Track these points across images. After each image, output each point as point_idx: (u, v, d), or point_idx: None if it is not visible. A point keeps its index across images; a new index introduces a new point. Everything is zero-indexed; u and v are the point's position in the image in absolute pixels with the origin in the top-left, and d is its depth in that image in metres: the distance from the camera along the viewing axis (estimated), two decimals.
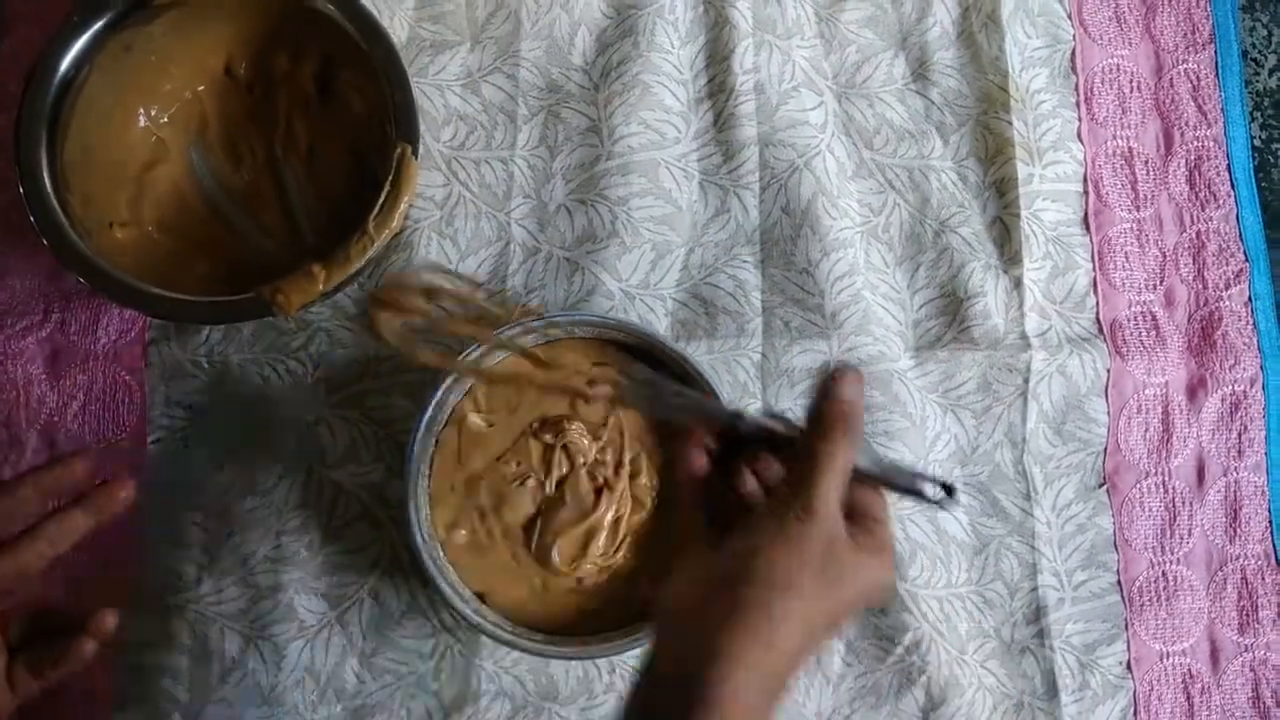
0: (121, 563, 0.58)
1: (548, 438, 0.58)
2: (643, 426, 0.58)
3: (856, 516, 0.42)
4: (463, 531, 0.57)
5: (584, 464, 0.58)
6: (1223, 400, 0.62)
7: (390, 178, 0.55)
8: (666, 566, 0.57)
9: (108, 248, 0.55)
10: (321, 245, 0.56)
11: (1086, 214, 0.64)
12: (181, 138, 0.60)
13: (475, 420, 0.58)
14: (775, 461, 0.45)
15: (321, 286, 0.54)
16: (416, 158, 0.55)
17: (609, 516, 0.57)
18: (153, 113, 0.58)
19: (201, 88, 0.59)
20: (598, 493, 0.57)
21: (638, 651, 0.57)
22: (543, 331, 0.57)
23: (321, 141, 0.61)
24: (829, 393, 0.42)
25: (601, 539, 0.57)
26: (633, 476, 0.58)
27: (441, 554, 0.56)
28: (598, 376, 0.56)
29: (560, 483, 0.58)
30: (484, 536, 0.57)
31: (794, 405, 0.60)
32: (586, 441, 0.58)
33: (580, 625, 0.56)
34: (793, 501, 0.40)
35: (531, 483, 0.58)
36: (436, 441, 0.57)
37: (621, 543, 0.57)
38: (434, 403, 0.55)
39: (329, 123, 0.61)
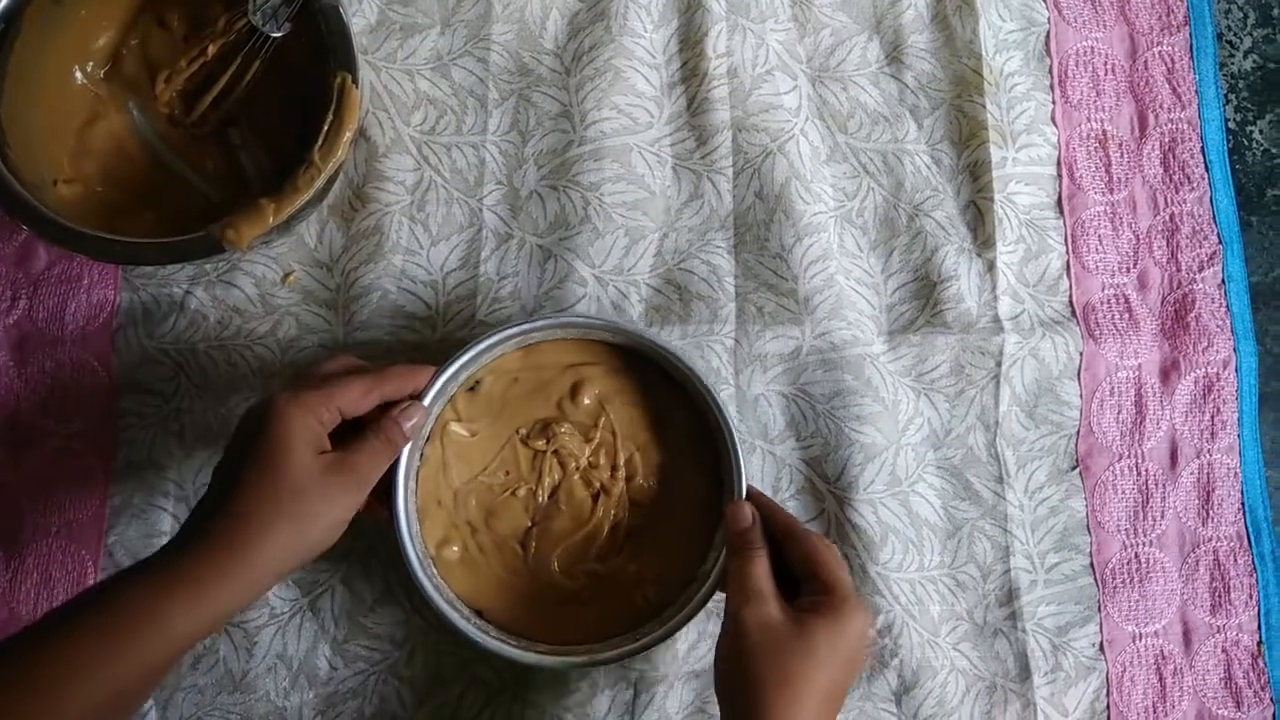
0: (91, 551, 0.58)
1: (538, 444, 0.55)
2: (635, 425, 0.56)
3: (806, 588, 0.48)
4: (454, 548, 0.54)
5: (577, 469, 0.55)
6: (1196, 383, 0.63)
7: (332, 107, 0.54)
8: (667, 567, 0.55)
9: (54, 204, 0.54)
10: (269, 191, 0.54)
11: (1060, 197, 0.64)
12: (119, 93, 0.59)
13: (458, 430, 0.55)
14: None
15: (272, 219, 0.53)
16: (357, 86, 0.54)
17: (607, 523, 0.55)
18: (88, 69, 0.57)
19: (135, 41, 0.58)
20: (594, 499, 0.55)
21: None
22: (526, 334, 0.55)
23: (261, 90, 0.60)
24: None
25: (600, 546, 0.55)
26: (628, 479, 0.55)
27: (435, 571, 0.53)
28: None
29: (553, 491, 0.55)
30: (476, 551, 0.55)
31: (766, 391, 0.60)
32: (578, 445, 0.55)
33: (581, 633, 0.54)
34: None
35: (523, 492, 0.55)
36: (421, 455, 0.54)
37: (621, 548, 0.55)
38: None
39: (267, 71, 0.59)
